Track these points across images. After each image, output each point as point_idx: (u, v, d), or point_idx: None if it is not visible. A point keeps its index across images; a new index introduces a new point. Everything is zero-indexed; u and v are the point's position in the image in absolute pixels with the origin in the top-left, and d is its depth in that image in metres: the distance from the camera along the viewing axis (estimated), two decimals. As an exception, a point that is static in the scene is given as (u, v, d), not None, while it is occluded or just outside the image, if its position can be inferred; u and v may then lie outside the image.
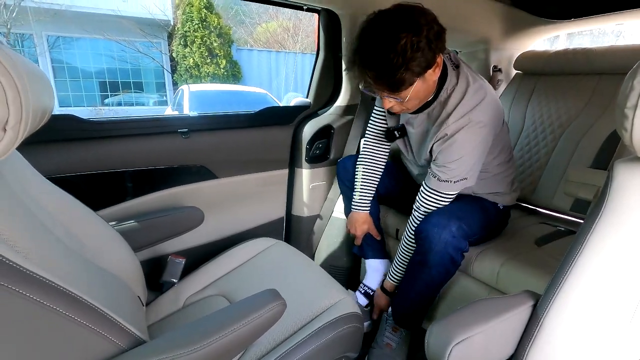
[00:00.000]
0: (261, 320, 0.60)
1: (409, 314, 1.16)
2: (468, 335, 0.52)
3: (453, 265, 1.04)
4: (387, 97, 0.95)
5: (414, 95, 0.93)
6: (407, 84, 0.88)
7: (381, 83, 0.90)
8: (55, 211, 0.69)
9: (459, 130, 0.97)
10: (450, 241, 0.99)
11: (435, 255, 1.01)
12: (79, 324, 0.45)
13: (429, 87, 0.96)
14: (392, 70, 0.84)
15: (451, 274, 1.07)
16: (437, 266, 1.03)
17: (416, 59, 0.83)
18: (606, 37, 8.47)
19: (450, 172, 1.01)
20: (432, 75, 0.92)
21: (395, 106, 0.97)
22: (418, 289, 1.09)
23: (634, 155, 0.57)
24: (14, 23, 7.18)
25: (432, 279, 1.06)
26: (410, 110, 1.03)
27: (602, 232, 0.56)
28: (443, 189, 1.04)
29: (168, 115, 1.41)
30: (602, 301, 0.54)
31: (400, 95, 0.92)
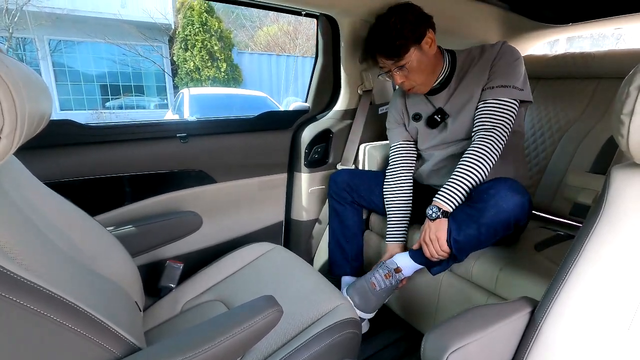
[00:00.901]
0: (257, 327, 0.60)
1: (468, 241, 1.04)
2: (465, 343, 0.52)
3: (504, 231, 1.00)
4: (396, 72, 1.14)
5: (416, 66, 1.12)
6: (405, 49, 1.09)
7: (388, 56, 1.12)
8: (53, 216, 0.69)
9: (500, 47, 1.12)
10: (519, 206, 0.96)
11: (497, 215, 0.97)
12: (73, 331, 0.45)
13: (429, 60, 1.13)
14: (391, 40, 1.09)
15: (490, 243, 1.02)
16: (490, 227, 0.98)
17: (406, 27, 1.08)
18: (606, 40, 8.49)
19: (508, 77, 1.08)
20: (428, 49, 1.12)
21: (406, 82, 1.15)
22: (457, 242, 1.01)
23: (631, 161, 0.57)
24: (16, 27, 7.22)
25: (477, 238, 0.99)
26: (418, 85, 1.16)
27: (599, 238, 0.56)
28: (499, 96, 1.08)
29: (166, 120, 1.41)
30: (600, 308, 0.54)
31: (403, 61, 1.11)
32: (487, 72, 1.11)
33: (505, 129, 1.07)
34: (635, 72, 0.50)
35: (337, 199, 1.36)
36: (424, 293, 1.25)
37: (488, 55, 1.13)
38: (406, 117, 1.31)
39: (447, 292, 1.18)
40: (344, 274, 1.36)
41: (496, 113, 1.08)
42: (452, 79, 1.18)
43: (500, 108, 1.08)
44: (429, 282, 1.23)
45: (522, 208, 0.97)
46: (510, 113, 1.08)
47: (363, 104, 1.51)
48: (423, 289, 1.25)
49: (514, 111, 1.09)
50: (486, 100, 1.10)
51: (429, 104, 1.24)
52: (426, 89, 1.19)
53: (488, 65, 1.12)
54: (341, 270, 1.36)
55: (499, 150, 1.07)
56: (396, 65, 1.12)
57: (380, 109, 1.61)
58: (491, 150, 1.05)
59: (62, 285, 0.52)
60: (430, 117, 1.23)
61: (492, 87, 1.09)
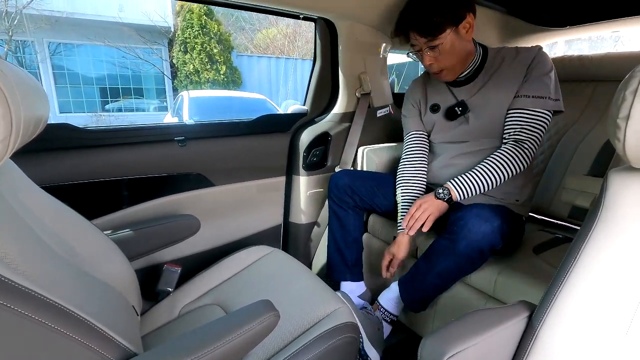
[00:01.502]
0: (254, 332, 0.59)
1: (421, 296, 1.12)
2: (462, 348, 0.52)
3: (480, 259, 1.02)
4: (427, 52, 1.09)
5: (449, 49, 1.07)
6: (441, 28, 1.03)
7: (422, 33, 1.06)
8: (49, 221, 0.69)
9: (536, 53, 1.09)
10: (488, 234, 0.97)
11: (468, 244, 0.98)
12: (67, 336, 0.45)
13: (464, 46, 1.09)
14: (428, 17, 1.03)
15: (474, 268, 1.05)
16: (465, 257, 1.00)
17: (446, 6, 1.03)
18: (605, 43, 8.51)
19: (545, 88, 1.06)
20: (465, 34, 1.07)
21: (434, 64, 1.10)
22: (437, 272, 1.06)
23: (627, 165, 0.57)
24: (16, 30, 7.23)
25: (456, 267, 1.03)
26: (447, 70, 1.12)
27: (596, 242, 0.56)
28: (534, 106, 1.07)
29: (164, 123, 1.41)
30: (598, 312, 0.54)
31: (437, 41, 1.05)
32: (521, 77, 1.09)
33: (537, 142, 1.09)
34: (631, 77, 0.50)
35: (338, 202, 1.33)
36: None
37: (523, 59, 1.10)
38: (423, 106, 1.28)
39: (446, 296, 1.17)
40: (343, 279, 1.34)
41: (530, 124, 1.08)
42: (480, 73, 1.15)
43: (535, 120, 1.08)
44: (427, 286, 1.23)
45: (492, 234, 0.97)
46: (544, 125, 1.08)
47: (361, 107, 1.51)
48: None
49: (547, 123, 1.09)
50: (521, 109, 1.09)
51: (450, 95, 1.21)
52: (453, 76, 1.15)
53: (523, 70, 1.09)
54: (341, 276, 1.34)
55: (527, 162, 1.08)
56: (428, 45, 1.07)
57: (379, 111, 1.61)
58: (520, 160, 1.07)
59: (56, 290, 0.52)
60: (449, 108, 1.19)
61: (528, 96, 1.08)
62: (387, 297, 1.21)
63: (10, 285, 0.41)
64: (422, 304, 1.14)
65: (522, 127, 1.08)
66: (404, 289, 1.16)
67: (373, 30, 1.43)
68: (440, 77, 1.16)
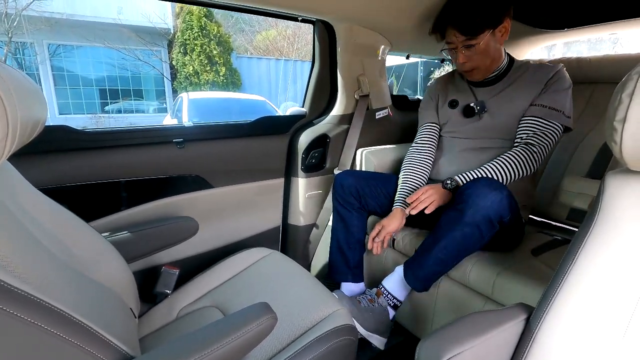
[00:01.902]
0: (251, 335, 0.59)
1: (424, 273, 1.09)
2: (459, 351, 0.52)
3: (488, 229, 1.00)
4: (462, 51, 1.13)
5: (484, 50, 1.12)
6: (482, 29, 1.08)
7: (462, 32, 1.10)
8: (47, 223, 0.69)
9: (558, 70, 1.14)
10: (497, 202, 0.97)
11: (476, 212, 0.98)
12: (63, 340, 0.45)
13: (497, 48, 1.15)
14: (471, 16, 1.07)
15: (480, 243, 1.03)
16: (472, 225, 0.99)
17: (489, 8, 1.07)
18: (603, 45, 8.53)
19: (561, 103, 1.11)
20: (500, 37, 1.13)
21: (468, 63, 1.15)
22: (444, 245, 1.04)
23: (624, 167, 0.57)
24: (15, 32, 7.24)
25: (463, 238, 1.01)
26: (478, 68, 1.17)
27: (594, 245, 0.56)
28: (548, 117, 1.11)
29: (163, 125, 1.41)
30: (595, 314, 0.54)
31: (474, 41, 1.10)
32: (539, 88, 1.13)
33: (547, 150, 1.12)
34: (628, 79, 0.50)
35: (343, 204, 1.32)
36: (421, 299, 1.25)
37: (545, 72, 1.15)
38: (442, 101, 1.34)
39: (444, 298, 1.17)
40: (344, 280, 1.34)
41: (543, 132, 1.12)
42: (503, 78, 1.21)
43: (548, 129, 1.12)
44: (426, 288, 1.23)
45: (501, 203, 0.98)
46: (555, 137, 1.12)
47: (360, 109, 1.51)
48: (420, 295, 1.25)
49: (558, 136, 1.13)
50: (536, 117, 1.13)
51: (470, 94, 1.27)
52: (482, 76, 1.21)
53: (543, 82, 1.13)
54: (342, 277, 1.34)
55: (534, 166, 1.11)
56: (465, 44, 1.12)
57: (377, 113, 1.61)
58: (528, 163, 1.11)
59: (54, 293, 0.51)
60: (468, 105, 1.24)
61: (545, 106, 1.12)
62: (391, 280, 1.19)
63: (7, 288, 0.40)
64: (425, 282, 1.11)
65: (534, 133, 1.12)
66: (408, 268, 1.14)
67: (371, 33, 1.43)
68: (470, 75, 1.22)
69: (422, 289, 1.13)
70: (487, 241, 1.05)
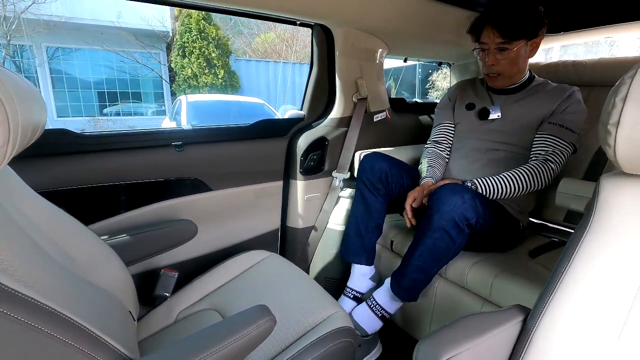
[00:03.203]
0: (250, 337, 0.59)
1: (407, 283, 1.12)
2: (456, 353, 0.52)
3: (457, 232, 1.03)
4: (494, 52, 1.19)
5: (514, 57, 1.19)
6: (518, 36, 1.15)
7: (501, 33, 1.15)
8: (46, 226, 0.69)
9: (573, 91, 1.21)
10: (458, 205, 1.00)
11: (441, 217, 1.02)
12: (63, 342, 0.45)
13: (524, 60, 1.22)
14: (515, 20, 1.14)
15: (452, 247, 1.06)
16: (440, 230, 1.03)
17: (532, 19, 1.15)
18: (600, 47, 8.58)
19: (576, 124, 1.17)
20: (530, 51, 1.20)
21: (496, 66, 1.21)
22: (419, 253, 1.08)
23: (619, 170, 0.58)
24: (14, 34, 7.24)
25: (434, 244, 1.05)
26: (504, 75, 1.23)
27: (589, 247, 0.57)
28: (564, 136, 1.16)
29: (162, 128, 1.41)
30: (591, 317, 0.54)
31: (509, 45, 1.16)
32: (553, 105, 1.20)
33: (562, 167, 1.17)
34: (621, 83, 0.51)
35: (370, 187, 1.30)
36: (419, 301, 1.25)
37: (560, 91, 1.21)
38: (459, 102, 1.41)
39: (443, 300, 1.18)
40: (359, 263, 1.33)
41: (560, 150, 1.16)
42: (522, 90, 1.28)
43: (563, 148, 1.16)
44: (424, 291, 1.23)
45: (463, 205, 1.01)
46: (568, 155, 1.17)
47: (358, 112, 1.52)
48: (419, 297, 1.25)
49: (570, 154, 1.18)
50: (554, 135, 1.18)
51: (487, 100, 1.34)
52: (504, 84, 1.28)
53: (557, 100, 1.19)
54: (357, 260, 1.33)
55: (548, 181, 1.15)
56: (499, 46, 1.18)
57: (375, 116, 1.62)
58: (544, 177, 1.15)
59: (53, 296, 0.52)
60: (483, 108, 1.31)
61: (562, 125, 1.17)
62: (381, 292, 1.23)
63: (7, 291, 0.41)
64: (410, 292, 1.14)
65: (553, 151, 1.16)
66: (394, 278, 1.17)
67: (369, 37, 1.44)
68: (493, 81, 1.28)
69: (409, 299, 1.15)
70: (461, 245, 1.07)
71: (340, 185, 1.51)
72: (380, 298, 1.21)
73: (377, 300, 1.22)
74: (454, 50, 1.77)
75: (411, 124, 1.83)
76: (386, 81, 1.71)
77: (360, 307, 1.24)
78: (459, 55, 1.87)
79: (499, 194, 1.14)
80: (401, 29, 1.40)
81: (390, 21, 1.33)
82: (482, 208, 1.05)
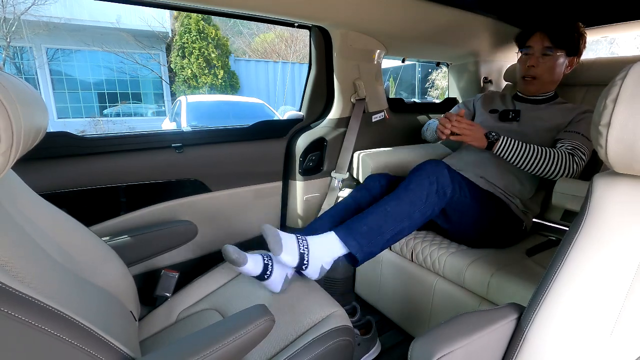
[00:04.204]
0: (249, 337, 0.60)
1: (361, 229, 1.00)
2: (450, 350, 0.53)
3: (431, 189, 1.03)
4: (537, 56, 1.30)
5: (552, 65, 1.29)
6: (562, 45, 1.27)
7: (551, 38, 1.26)
8: (48, 228, 0.70)
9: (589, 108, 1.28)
10: (432, 165, 1.07)
11: (420, 173, 1.06)
12: (66, 342, 0.46)
13: (558, 73, 1.32)
14: (567, 30, 1.27)
15: (423, 204, 1.03)
16: (416, 181, 1.04)
17: (577, 37, 1.29)
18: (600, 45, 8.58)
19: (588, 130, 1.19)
20: (563, 67, 1.31)
21: (535, 69, 1.31)
22: (386, 200, 1.04)
23: (611, 170, 0.59)
24: (14, 36, 7.25)
25: (405, 193, 1.03)
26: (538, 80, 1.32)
27: (582, 246, 0.58)
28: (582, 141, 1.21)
29: (161, 130, 1.42)
30: (583, 314, 0.55)
31: (552, 51, 1.27)
32: (569, 116, 1.27)
33: (579, 167, 1.17)
34: (612, 85, 0.52)
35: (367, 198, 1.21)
36: (417, 299, 1.26)
37: (578, 107, 1.30)
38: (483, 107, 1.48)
39: (440, 298, 1.19)
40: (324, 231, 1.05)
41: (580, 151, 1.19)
42: (545, 103, 1.37)
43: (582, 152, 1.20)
44: (422, 289, 1.24)
45: (437, 167, 1.07)
46: (585, 160, 1.19)
47: (356, 112, 1.53)
48: (417, 296, 1.26)
49: (585, 161, 1.20)
50: (571, 139, 1.22)
51: (511, 105, 1.43)
52: (537, 89, 1.36)
53: (573, 113, 1.27)
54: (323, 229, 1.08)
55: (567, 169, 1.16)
56: (544, 50, 1.28)
57: (374, 116, 1.63)
58: (566, 163, 1.16)
59: (55, 297, 0.53)
60: (505, 110, 1.40)
61: (577, 132, 1.22)
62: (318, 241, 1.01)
63: (10, 292, 0.42)
64: (357, 238, 0.99)
65: (574, 148, 1.20)
66: (345, 224, 1.03)
67: (367, 38, 1.45)
68: (529, 85, 1.36)
69: (353, 249, 0.99)
70: (433, 211, 1.06)
71: (339, 185, 1.52)
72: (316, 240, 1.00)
73: (307, 241, 0.99)
74: (452, 51, 1.77)
75: (409, 124, 1.84)
76: (385, 81, 1.72)
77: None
78: (456, 56, 1.88)
79: (517, 155, 1.19)
80: (398, 30, 1.41)
81: (388, 22, 1.34)
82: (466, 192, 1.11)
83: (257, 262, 0.96)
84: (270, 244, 0.94)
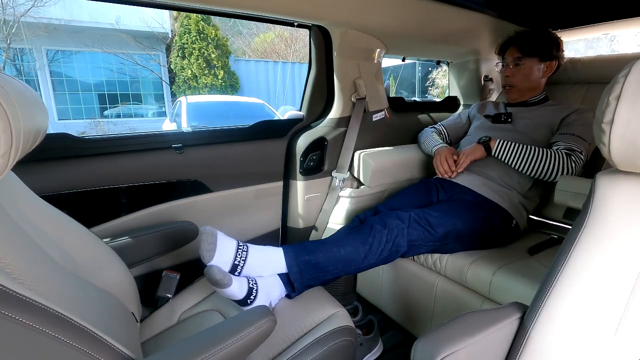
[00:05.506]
0: (251, 337, 0.60)
1: (309, 260, 0.99)
2: (453, 350, 0.53)
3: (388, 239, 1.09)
4: (510, 66, 1.40)
5: (525, 73, 1.38)
6: (531, 52, 1.35)
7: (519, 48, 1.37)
8: (49, 230, 0.70)
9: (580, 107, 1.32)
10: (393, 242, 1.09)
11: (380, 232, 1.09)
12: (67, 344, 0.46)
13: (536, 79, 1.39)
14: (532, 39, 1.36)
15: (366, 264, 1.06)
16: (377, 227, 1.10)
17: (548, 42, 1.36)
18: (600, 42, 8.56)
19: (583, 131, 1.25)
20: (540, 72, 1.38)
21: (510, 78, 1.41)
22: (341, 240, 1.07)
23: (614, 168, 0.58)
24: (14, 38, 7.26)
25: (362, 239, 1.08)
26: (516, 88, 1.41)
27: (585, 244, 0.57)
28: (577, 143, 1.23)
29: (162, 131, 1.42)
30: (587, 313, 0.55)
31: (521, 60, 1.37)
32: (562, 115, 1.31)
33: (576, 167, 1.19)
34: (615, 82, 0.51)
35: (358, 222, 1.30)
36: (419, 299, 1.26)
37: (570, 106, 1.33)
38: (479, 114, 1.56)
39: (442, 298, 1.18)
40: None
41: (576, 153, 1.21)
42: (536, 106, 1.42)
43: (579, 152, 1.21)
44: (424, 288, 1.24)
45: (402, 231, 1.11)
46: (582, 160, 1.21)
47: (357, 112, 1.52)
48: (419, 296, 1.26)
49: (583, 162, 1.21)
50: (567, 141, 1.24)
51: (503, 110, 1.50)
52: (518, 97, 1.44)
53: (566, 112, 1.31)
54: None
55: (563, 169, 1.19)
56: (515, 61, 1.38)
57: (374, 116, 1.62)
58: (562, 163, 1.19)
59: (56, 299, 0.53)
60: (497, 114, 1.48)
61: (572, 134, 1.25)
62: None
63: (11, 294, 0.41)
64: (302, 270, 0.98)
65: (570, 149, 1.22)
66: (292, 248, 1.03)
67: (367, 37, 1.44)
68: (509, 93, 1.45)
69: (292, 277, 0.97)
70: (379, 262, 1.10)
71: (340, 184, 1.51)
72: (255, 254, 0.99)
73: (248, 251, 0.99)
74: (452, 49, 1.77)
75: (410, 123, 1.83)
76: (385, 80, 1.72)
77: None
78: (457, 54, 1.87)
79: (515, 155, 1.26)
80: (398, 28, 1.40)
81: (388, 21, 1.34)
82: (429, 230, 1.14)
83: (242, 285, 0.92)
84: (201, 250, 0.94)
